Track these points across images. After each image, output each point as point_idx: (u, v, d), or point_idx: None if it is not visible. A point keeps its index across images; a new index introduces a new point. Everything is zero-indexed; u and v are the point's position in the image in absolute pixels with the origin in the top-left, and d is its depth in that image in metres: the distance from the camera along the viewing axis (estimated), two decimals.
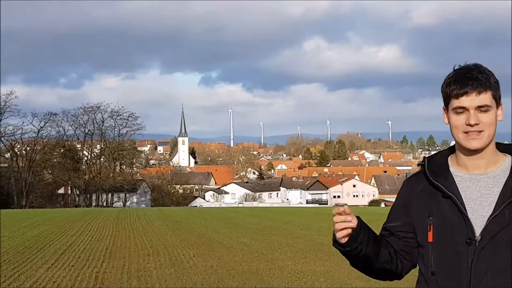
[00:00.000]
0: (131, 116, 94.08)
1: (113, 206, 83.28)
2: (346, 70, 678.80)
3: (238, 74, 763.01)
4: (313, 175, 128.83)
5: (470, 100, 2.49)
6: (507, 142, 2.78)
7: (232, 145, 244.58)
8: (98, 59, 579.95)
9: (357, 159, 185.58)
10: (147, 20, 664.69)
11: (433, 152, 3.00)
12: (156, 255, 17.70)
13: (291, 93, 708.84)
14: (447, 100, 2.58)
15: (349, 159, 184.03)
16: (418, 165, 2.76)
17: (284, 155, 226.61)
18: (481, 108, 2.50)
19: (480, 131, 2.50)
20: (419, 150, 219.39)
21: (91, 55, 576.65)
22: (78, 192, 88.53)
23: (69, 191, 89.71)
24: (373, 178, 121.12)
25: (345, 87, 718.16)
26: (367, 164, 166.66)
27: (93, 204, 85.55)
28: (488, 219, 2.48)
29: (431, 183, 2.63)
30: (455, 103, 2.53)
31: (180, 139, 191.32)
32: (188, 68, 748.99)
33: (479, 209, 2.52)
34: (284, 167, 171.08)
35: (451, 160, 2.69)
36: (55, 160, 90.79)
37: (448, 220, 2.55)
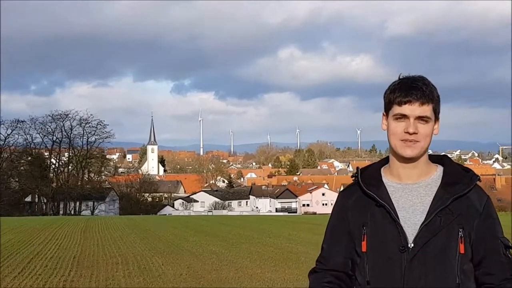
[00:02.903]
0: (100, 124, 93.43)
1: (81, 214, 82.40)
2: (320, 79, 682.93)
3: (211, 82, 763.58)
4: (282, 184, 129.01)
5: (412, 109, 2.54)
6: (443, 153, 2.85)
7: (201, 153, 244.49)
8: (72, 66, 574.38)
9: (326, 167, 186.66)
10: (124, 27, 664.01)
11: None
12: (125, 263, 17.56)
13: (264, 102, 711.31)
14: (388, 106, 2.62)
15: (319, 167, 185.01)
16: (352, 176, 2.79)
17: (254, 163, 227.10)
18: (421, 119, 2.55)
19: (416, 141, 2.56)
20: None
21: (65, 62, 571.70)
22: (45, 200, 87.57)
23: (36, 199, 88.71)
24: (342, 187, 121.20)
25: (318, 96, 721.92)
26: (336, 173, 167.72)
27: (61, 212, 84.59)
28: (420, 227, 2.54)
29: (364, 193, 2.67)
30: (397, 110, 2.58)
31: (149, 147, 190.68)
32: (162, 76, 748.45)
33: (411, 217, 2.58)
34: (253, 175, 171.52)
35: (384, 171, 2.73)
36: (22, 168, 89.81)
37: (381, 229, 2.59)
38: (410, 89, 2.55)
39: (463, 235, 2.54)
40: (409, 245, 2.53)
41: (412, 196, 2.62)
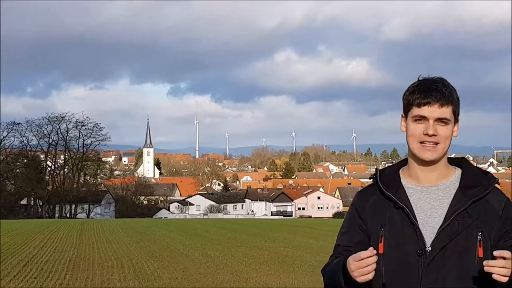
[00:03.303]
0: (96, 127, 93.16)
1: (77, 217, 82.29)
2: (316, 83, 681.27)
3: (207, 85, 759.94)
4: (278, 187, 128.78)
5: (432, 111, 2.53)
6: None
7: (197, 156, 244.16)
8: (69, 68, 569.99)
9: (322, 171, 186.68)
10: (122, 29, 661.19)
11: None
12: (120, 267, 17.60)
13: (260, 105, 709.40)
14: (408, 108, 2.61)
15: (314, 171, 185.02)
16: (370, 178, 2.78)
17: (249, 166, 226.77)
18: (440, 121, 2.54)
19: (436, 143, 2.55)
20: (383, 162, 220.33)
21: (61, 64, 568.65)
22: (41, 203, 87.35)
23: (32, 202, 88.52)
24: (337, 190, 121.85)
25: (314, 100, 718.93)
26: (331, 176, 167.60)
27: (56, 215, 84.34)
28: (438, 230, 2.52)
29: (383, 194, 2.65)
30: (416, 111, 2.56)
31: (145, 150, 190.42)
32: (158, 79, 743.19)
33: (429, 220, 2.56)
34: (249, 178, 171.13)
35: (402, 173, 2.72)
36: (17, 170, 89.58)
37: (399, 231, 2.57)
38: (430, 91, 2.54)
39: (482, 239, 2.52)
40: (426, 249, 2.51)
41: (430, 199, 2.60)
